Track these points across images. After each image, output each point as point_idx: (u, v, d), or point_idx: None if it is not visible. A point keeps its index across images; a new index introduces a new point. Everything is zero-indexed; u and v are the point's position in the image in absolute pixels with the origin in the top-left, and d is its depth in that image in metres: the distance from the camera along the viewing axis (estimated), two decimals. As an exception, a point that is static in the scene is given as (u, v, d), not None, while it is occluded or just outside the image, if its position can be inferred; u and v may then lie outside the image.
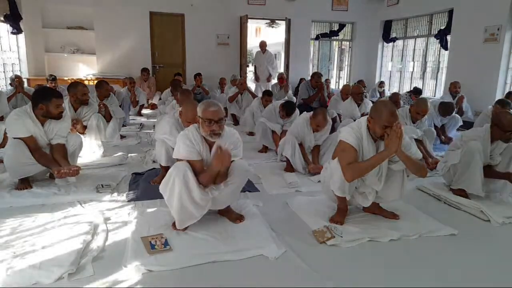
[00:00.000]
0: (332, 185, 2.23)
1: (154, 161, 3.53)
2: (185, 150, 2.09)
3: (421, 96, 6.06)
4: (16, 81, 5.27)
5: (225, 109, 7.35)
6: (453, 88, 5.75)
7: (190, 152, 2.09)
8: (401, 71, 8.96)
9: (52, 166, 2.68)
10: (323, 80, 7.69)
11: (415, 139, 3.43)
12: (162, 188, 2.13)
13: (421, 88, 7.74)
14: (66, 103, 3.63)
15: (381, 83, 8.35)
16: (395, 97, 5.56)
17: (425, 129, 3.89)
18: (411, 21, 8.43)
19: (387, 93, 8.05)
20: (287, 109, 4.13)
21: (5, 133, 3.72)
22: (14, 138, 2.70)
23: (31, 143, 2.70)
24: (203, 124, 2.07)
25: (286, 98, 6.65)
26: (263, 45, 8.10)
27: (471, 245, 2.17)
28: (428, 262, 1.96)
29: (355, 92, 4.71)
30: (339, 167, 2.16)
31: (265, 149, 4.25)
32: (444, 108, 4.75)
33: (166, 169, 2.93)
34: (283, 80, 7.50)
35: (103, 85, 4.65)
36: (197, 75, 7.55)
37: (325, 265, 1.90)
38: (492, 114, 2.89)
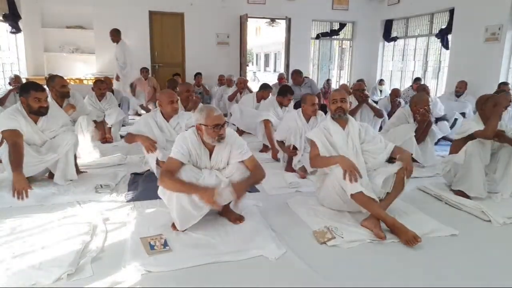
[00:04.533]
0: (345, 189, 2.27)
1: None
2: (175, 151, 2.12)
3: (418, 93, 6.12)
4: (14, 82, 5.25)
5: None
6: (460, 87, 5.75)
7: (181, 155, 2.11)
8: (402, 71, 8.95)
9: (13, 169, 2.42)
10: (323, 79, 7.65)
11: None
12: (160, 192, 2.12)
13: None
14: (50, 100, 3.51)
15: (381, 81, 8.33)
16: (395, 92, 5.53)
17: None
18: (412, 21, 8.41)
19: (388, 91, 8.03)
20: (281, 91, 4.13)
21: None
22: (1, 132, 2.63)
23: (13, 137, 2.58)
24: (208, 130, 2.08)
25: None
26: (113, 34, 6.18)
27: (472, 245, 2.16)
28: (429, 262, 1.95)
29: (356, 88, 4.63)
30: (334, 177, 2.32)
31: (265, 149, 4.24)
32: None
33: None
34: (283, 80, 7.52)
35: (97, 83, 4.68)
36: (197, 75, 7.54)
37: (326, 265, 1.89)
38: (477, 102, 2.99)
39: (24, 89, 2.71)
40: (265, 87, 5.23)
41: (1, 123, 2.65)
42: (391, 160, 2.48)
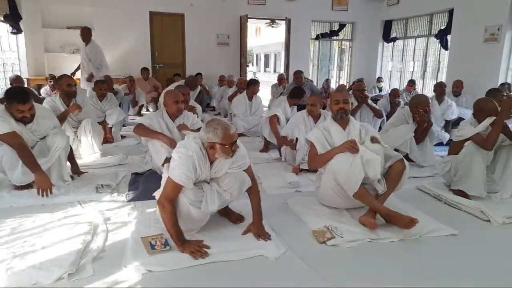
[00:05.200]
0: (346, 188, 2.31)
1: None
2: (182, 176, 1.93)
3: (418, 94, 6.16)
4: (15, 82, 5.25)
5: (213, 107, 7.29)
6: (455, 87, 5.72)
7: (187, 179, 1.94)
8: (401, 71, 8.97)
9: (33, 171, 2.51)
10: (323, 80, 7.68)
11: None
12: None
13: (420, 86, 7.82)
14: (57, 99, 3.59)
15: (379, 79, 8.44)
16: (394, 92, 5.55)
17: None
18: (411, 21, 8.43)
19: (387, 89, 8.10)
20: (295, 93, 4.23)
21: None
22: None
23: (15, 139, 2.56)
24: (224, 149, 1.95)
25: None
26: (84, 33, 5.78)
27: (471, 245, 2.16)
28: (428, 262, 1.96)
29: (356, 88, 4.69)
30: (330, 173, 2.36)
31: (266, 149, 4.25)
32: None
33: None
34: (283, 80, 7.54)
35: (98, 84, 4.71)
36: (197, 75, 7.55)
37: (325, 265, 1.90)
38: (474, 105, 2.99)
39: (8, 98, 2.60)
40: (253, 83, 5.28)
41: None
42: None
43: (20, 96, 2.62)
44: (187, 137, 2.11)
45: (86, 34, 5.79)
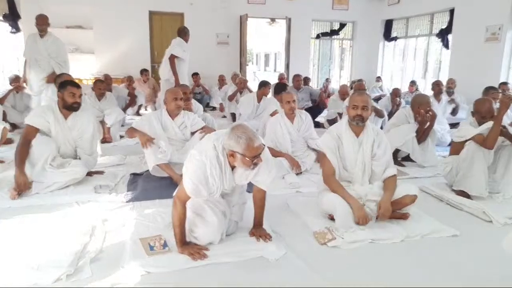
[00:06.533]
0: (336, 222, 2.23)
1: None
2: (195, 188, 1.83)
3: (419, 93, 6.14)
4: (14, 82, 5.24)
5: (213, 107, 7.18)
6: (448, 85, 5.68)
7: (198, 193, 1.85)
8: (402, 70, 8.95)
9: (18, 167, 2.63)
10: (323, 79, 7.66)
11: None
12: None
13: (421, 85, 7.80)
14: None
15: (378, 78, 8.41)
16: (395, 91, 5.53)
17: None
18: (412, 20, 8.42)
19: (388, 89, 8.08)
20: (277, 89, 4.36)
21: (3, 133, 3.73)
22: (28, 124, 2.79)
23: (29, 134, 2.74)
24: (245, 160, 1.78)
25: None
26: (43, 22, 4.69)
27: (473, 246, 2.15)
28: (430, 263, 1.94)
29: (357, 88, 4.71)
30: (337, 204, 2.22)
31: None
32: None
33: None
34: (283, 80, 7.54)
35: (97, 83, 4.74)
36: (194, 75, 7.52)
37: (326, 266, 1.88)
38: (473, 106, 2.97)
39: (62, 85, 2.90)
40: (264, 84, 5.24)
41: (30, 117, 2.83)
42: None
43: (73, 81, 3.05)
44: (208, 137, 1.95)
45: (45, 23, 4.68)
